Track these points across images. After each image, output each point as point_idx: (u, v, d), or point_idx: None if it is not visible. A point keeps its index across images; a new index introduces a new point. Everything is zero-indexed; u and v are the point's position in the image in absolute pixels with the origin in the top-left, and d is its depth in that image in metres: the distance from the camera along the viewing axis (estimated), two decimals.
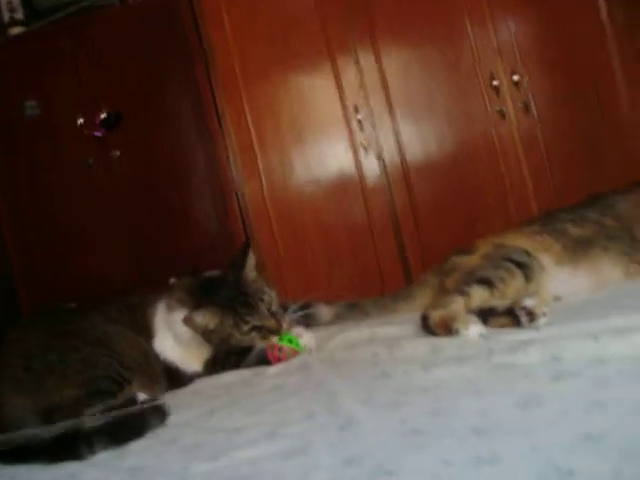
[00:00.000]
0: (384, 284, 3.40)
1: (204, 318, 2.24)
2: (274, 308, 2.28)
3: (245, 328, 2.24)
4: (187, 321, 2.22)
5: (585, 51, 3.39)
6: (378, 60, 3.47)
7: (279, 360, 2.23)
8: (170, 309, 2.30)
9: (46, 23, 3.90)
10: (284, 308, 2.38)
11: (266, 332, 2.26)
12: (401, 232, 3.47)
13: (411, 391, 1.65)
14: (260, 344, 2.28)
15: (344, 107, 3.49)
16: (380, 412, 1.56)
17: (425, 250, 3.44)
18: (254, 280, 2.29)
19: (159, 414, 1.80)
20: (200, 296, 2.27)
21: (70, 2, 3.89)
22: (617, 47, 3.35)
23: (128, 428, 1.73)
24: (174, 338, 2.29)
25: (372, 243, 3.48)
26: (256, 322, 2.25)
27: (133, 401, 2.06)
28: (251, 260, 2.31)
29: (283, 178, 3.52)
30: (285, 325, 2.28)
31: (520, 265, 2.16)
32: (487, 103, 3.43)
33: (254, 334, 2.26)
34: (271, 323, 2.26)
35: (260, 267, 2.38)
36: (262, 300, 2.26)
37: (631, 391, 1.37)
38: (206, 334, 2.25)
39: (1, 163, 3.94)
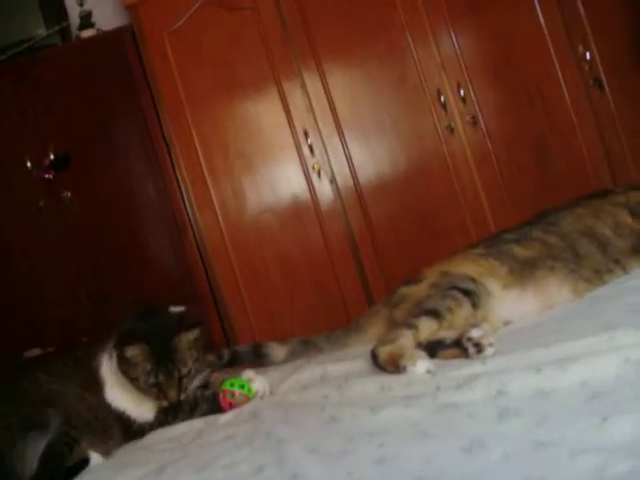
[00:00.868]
0: (347, 310, 3.39)
1: (133, 352, 2.20)
2: (185, 384, 2.24)
3: (151, 380, 2.20)
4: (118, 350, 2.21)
5: (527, 59, 3.41)
6: (324, 82, 3.47)
7: (231, 406, 2.21)
8: (112, 357, 2.27)
9: None
10: (233, 353, 2.37)
11: (163, 397, 2.21)
12: (360, 255, 3.47)
13: (358, 436, 1.63)
14: (150, 402, 2.26)
15: (293, 132, 3.48)
16: (327, 462, 1.54)
17: (385, 272, 3.44)
18: (186, 350, 2.24)
19: None
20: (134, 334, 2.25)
21: (12, 44, 3.85)
22: (558, 53, 3.36)
23: None
24: (123, 386, 2.26)
25: (332, 269, 3.47)
26: (162, 384, 2.21)
27: (86, 461, 2.03)
28: (190, 335, 2.27)
29: (237, 207, 3.50)
30: (182, 397, 2.25)
31: (466, 293, 2.15)
32: (436, 119, 3.44)
33: (153, 391, 2.22)
34: (171, 393, 2.21)
35: (204, 346, 2.34)
36: (179, 370, 2.21)
37: (570, 428, 1.36)
38: (128, 370, 2.22)
39: None
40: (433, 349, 2.02)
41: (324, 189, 3.48)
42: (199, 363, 2.27)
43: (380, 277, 3.43)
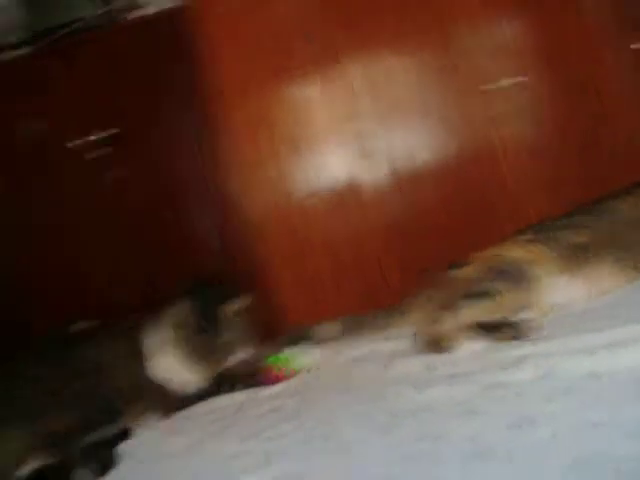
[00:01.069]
0: (391, 296, 3.36)
1: (182, 310, 2.28)
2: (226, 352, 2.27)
3: (195, 343, 2.26)
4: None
5: (580, 49, 3.34)
6: (373, 67, 3.42)
7: (277, 379, 2.21)
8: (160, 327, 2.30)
9: (38, 46, 3.89)
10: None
11: (205, 363, 2.28)
12: (405, 240, 3.43)
13: (403, 414, 1.63)
14: (193, 374, 2.30)
15: (341, 116, 3.45)
16: (372, 436, 1.54)
17: (430, 257, 3.39)
18: (229, 320, 2.28)
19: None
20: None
21: (62, 25, 3.88)
22: (611, 45, 3.30)
23: None
24: (167, 357, 2.28)
25: (376, 254, 3.44)
26: (206, 348, 2.25)
27: (126, 432, 2.05)
28: (235, 305, 2.31)
29: (283, 191, 3.47)
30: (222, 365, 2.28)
31: (515, 277, 2.12)
32: (484, 107, 3.38)
33: (195, 356, 2.28)
34: (212, 360, 2.27)
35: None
36: (221, 336, 2.26)
37: (625, 410, 1.34)
38: (178, 332, 2.27)
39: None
40: (480, 331, 1.99)
41: (371, 174, 3.44)
42: (242, 335, 2.28)
43: (425, 263, 3.39)
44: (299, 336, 2.55)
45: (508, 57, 3.35)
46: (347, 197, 3.44)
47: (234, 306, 2.26)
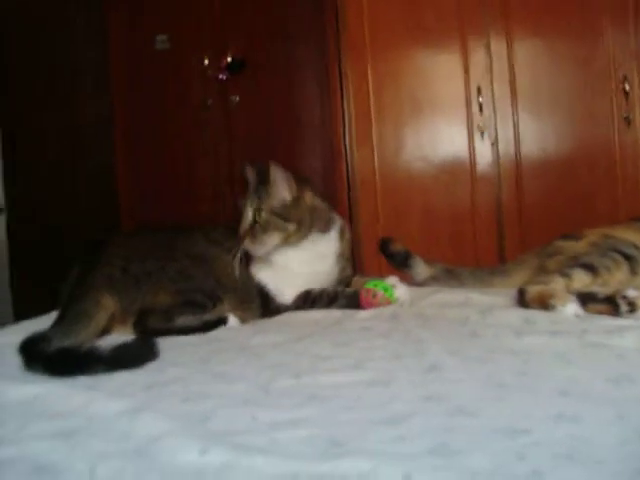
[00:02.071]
0: None
1: (250, 172, 2.43)
2: (258, 231, 2.29)
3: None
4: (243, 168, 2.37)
5: None
6: (509, 46, 3.41)
7: (371, 305, 2.24)
8: None
9: None
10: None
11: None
12: (503, 224, 3.42)
13: (500, 351, 1.65)
14: (290, 287, 2.36)
15: (467, 88, 3.45)
16: (466, 364, 1.56)
17: (524, 245, 3.38)
18: (278, 186, 2.32)
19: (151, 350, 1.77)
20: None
21: None
22: None
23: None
24: (270, 264, 2.34)
25: (472, 231, 3.44)
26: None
27: (224, 320, 2.12)
28: (283, 173, 2.33)
29: (395, 149, 3.51)
30: (246, 243, 2.29)
31: (627, 257, 2.12)
32: (614, 107, 3.34)
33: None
34: (240, 229, 2.31)
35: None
36: (260, 199, 2.31)
37: None
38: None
39: (128, 91, 4.06)
40: (583, 301, 2.00)
41: (484, 151, 3.45)
42: (282, 224, 2.32)
43: (518, 250, 3.37)
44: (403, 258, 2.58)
45: None
46: (455, 170, 3.47)
47: (281, 173, 2.31)
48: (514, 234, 3.42)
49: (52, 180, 4.10)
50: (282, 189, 2.32)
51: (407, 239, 3.44)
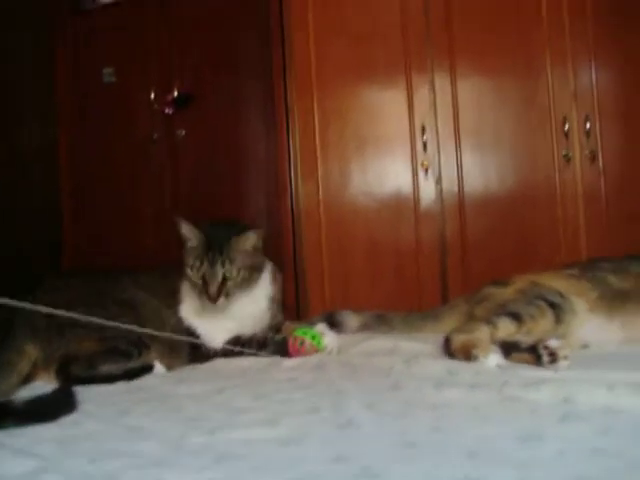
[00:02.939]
0: (422, 306, 3.38)
1: (189, 231, 2.36)
2: (229, 288, 2.31)
3: (197, 265, 2.31)
4: (177, 223, 2.36)
5: None
6: (453, 84, 3.44)
7: (299, 353, 2.25)
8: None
9: None
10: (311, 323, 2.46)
11: (205, 291, 2.30)
12: (446, 260, 3.44)
13: (418, 406, 1.66)
14: (190, 296, 2.36)
15: (411, 125, 3.48)
16: (382, 419, 1.57)
17: (467, 282, 3.40)
18: (239, 251, 2.32)
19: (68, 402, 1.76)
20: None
21: None
22: None
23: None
24: (196, 307, 2.33)
25: (416, 266, 3.46)
26: (207, 276, 2.29)
27: (149, 368, 2.10)
28: (247, 239, 2.35)
29: (340, 185, 3.53)
30: (221, 301, 2.30)
31: (552, 305, 2.14)
32: (555, 145, 3.38)
33: (199, 283, 2.31)
34: (212, 289, 2.29)
35: (274, 256, 2.45)
36: (224, 264, 2.29)
37: (635, 444, 1.36)
38: (187, 258, 2.34)
39: (73, 124, 4.04)
40: (507, 350, 2.02)
41: (428, 188, 3.47)
42: (248, 275, 2.35)
43: (461, 286, 3.40)
44: (329, 318, 2.59)
45: (588, 99, 3.33)
46: (399, 206, 3.49)
47: (245, 240, 2.34)
48: (457, 271, 3.44)
49: None
50: (249, 245, 2.37)
51: (351, 273, 3.48)
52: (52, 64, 4.00)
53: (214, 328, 2.34)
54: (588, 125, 3.33)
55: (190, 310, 2.36)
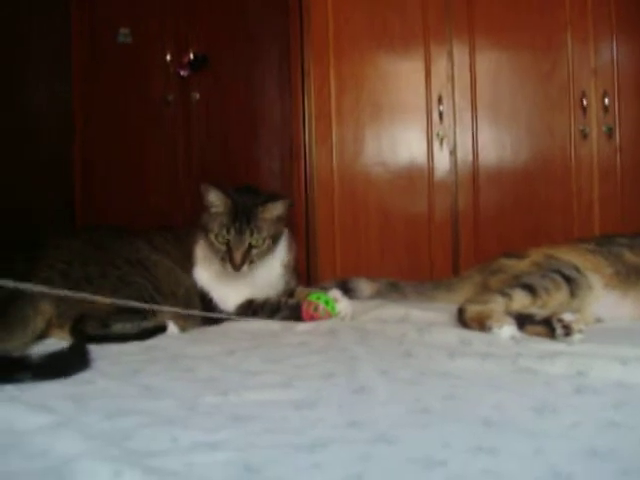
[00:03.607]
0: (432, 277, 3.38)
1: (218, 198, 2.31)
2: (253, 255, 2.31)
3: (223, 233, 2.29)
4: (203, 190, 2.32)
5: None
6: (472, 56, 3.42)
7: (312, 318, 2.25)
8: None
9: None
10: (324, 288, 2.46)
11: (229, 258, 2.28)
12: (458, 231, 3.44)
13: (431, 374, 1.66)
14: (207, 259, 2.36)
15: (428, 95, 3.45)
16: (396, 386, 1.57)
17: (478, 253, 3.40)
18: (265, 220, 2.32)
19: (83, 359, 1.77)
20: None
21: None
22: None
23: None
24: (211, 269, 2.34)
25: (428, 236, 3.45)
26: (231, 242, 2.28)
27: (162, 328, 2.11)
28: (274, 208, 2.35)
29: (354, 152, 3.51)
30: (244, 268, 2.30)
31: (568, 279, 2.14)
32: (572, 121, 3.37)
33: (222, 249, 2.30)
34: (237, 256, 2.27)
35: (288, 222, 2.50)
36: (251, 232, 2.29)
37: None
38: (209, 222, 2.32)
39: (88, 83, 4.01)
40: (521, 322, 2.02)
41: (442, 158, 3.45)
42: (272, 244, 2.36)
43: (472, 258, 3.40)
44: (343, 284, 2.59)
45: (609, 75, 3.30)
46: (413, 175, 3.47)
47: (272, 208, 2.33)
48: (469, 242, 3.44)
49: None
50: (275, 214, 2.37)
51: (363, 242, 3.47)
52: (68, 23, 3.96)
53: (228, 292, 2.34)
54: (607, 101, 3.30)
55: (205, 273, 2.36)
